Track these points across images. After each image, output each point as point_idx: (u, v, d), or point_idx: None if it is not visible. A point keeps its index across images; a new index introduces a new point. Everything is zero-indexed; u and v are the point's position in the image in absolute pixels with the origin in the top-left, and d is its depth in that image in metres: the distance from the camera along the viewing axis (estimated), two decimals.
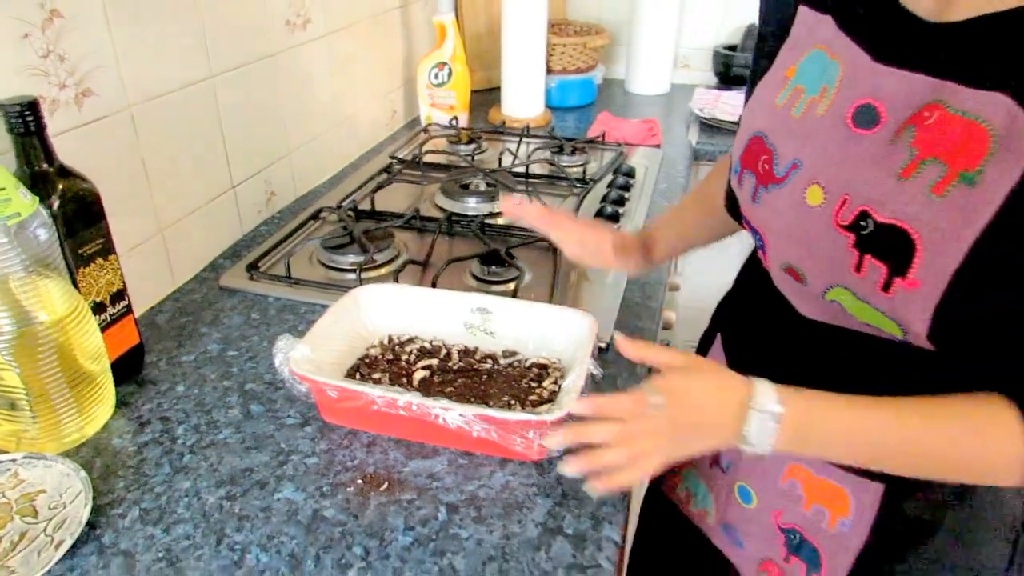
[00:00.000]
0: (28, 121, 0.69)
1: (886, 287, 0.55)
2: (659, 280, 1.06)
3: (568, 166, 1.41)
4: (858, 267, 0.56)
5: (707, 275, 1.31)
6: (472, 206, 1.21)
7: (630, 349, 0.62)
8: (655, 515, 0.94)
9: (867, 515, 0.66)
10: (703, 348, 0.86)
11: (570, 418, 0.64)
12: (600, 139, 1.54)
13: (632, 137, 1.59)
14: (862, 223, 0.55)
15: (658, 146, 1.58)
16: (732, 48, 1.96)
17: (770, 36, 0.68)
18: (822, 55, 0.60)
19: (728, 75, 1.95)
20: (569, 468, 0.60)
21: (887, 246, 0.54)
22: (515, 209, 0.87)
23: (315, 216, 1.18)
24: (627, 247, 0.88)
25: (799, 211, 0.60)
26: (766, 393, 0.58)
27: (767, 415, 0.57)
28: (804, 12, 0.63)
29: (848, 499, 0.67)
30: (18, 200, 0.65)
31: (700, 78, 2.07)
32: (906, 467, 0.60)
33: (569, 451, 0.61)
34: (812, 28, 0.62)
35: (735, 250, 0.94)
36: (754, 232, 0.68)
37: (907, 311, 0.54)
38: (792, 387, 0.59)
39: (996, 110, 0.48)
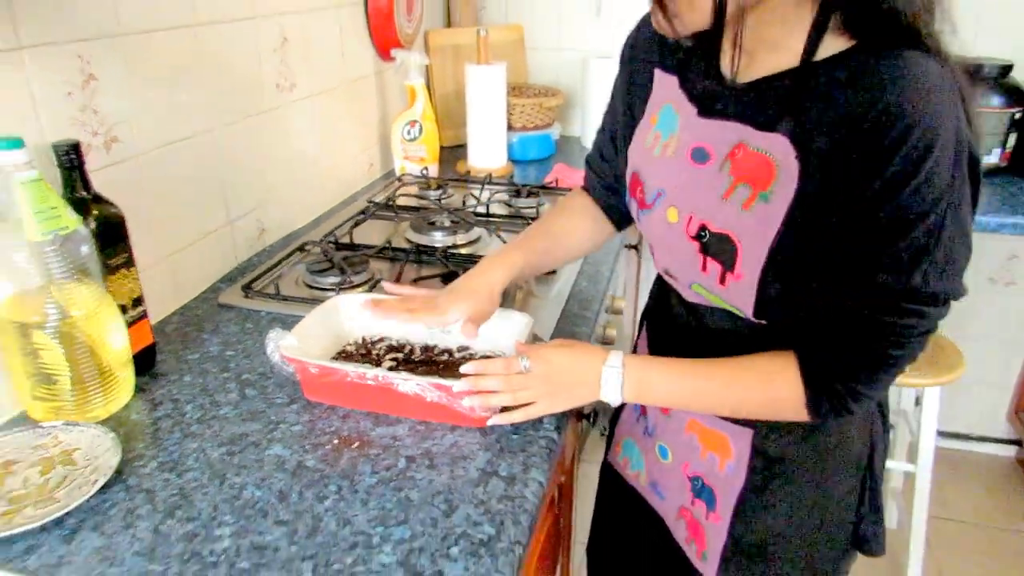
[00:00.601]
0: (72, 158, 0.87)
1: (722, 280, 0.74)
2: (596, 296, 1.24)
3: (523, 207, 1.60)
4: (704, 267, 0.76)
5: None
6: (438, 239, 1.40)
7: (519, 348, 0.87)
8: (606, 483, 1.11)
9: (744, 457, 0.84)
10: (636, 340, 1.05)
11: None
12: (554, 184, 1.75)
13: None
14: (702, 233, 0.75)
15: None
16: None
17: (633, 93, 0.88)
18: (670, 108, 0.81)
19: None
20: (468, 401, 0.83)
21: (720, 249, 0.73)
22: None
23: (301, 248, 1.37)
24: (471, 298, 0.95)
25: (664, 228, 0.80)
26: (615, 357, 0.81)
27: (615, 371, 0.80)
28: (659, 73, 0.84)
29: (729, 444, 0.85)
30: (66, 217, 0.83)
31: None
32: (723, 408, 0.81)
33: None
34: (664, 86, 0.83)
35: None
36: (649, 244, 0.88)
37: (738, 297, 0.74)
38: (641, 356, 0.83)
39: (777, 147, 0.69)
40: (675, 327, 0.91)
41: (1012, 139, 1.93)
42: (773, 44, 0.69)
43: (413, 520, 0.74)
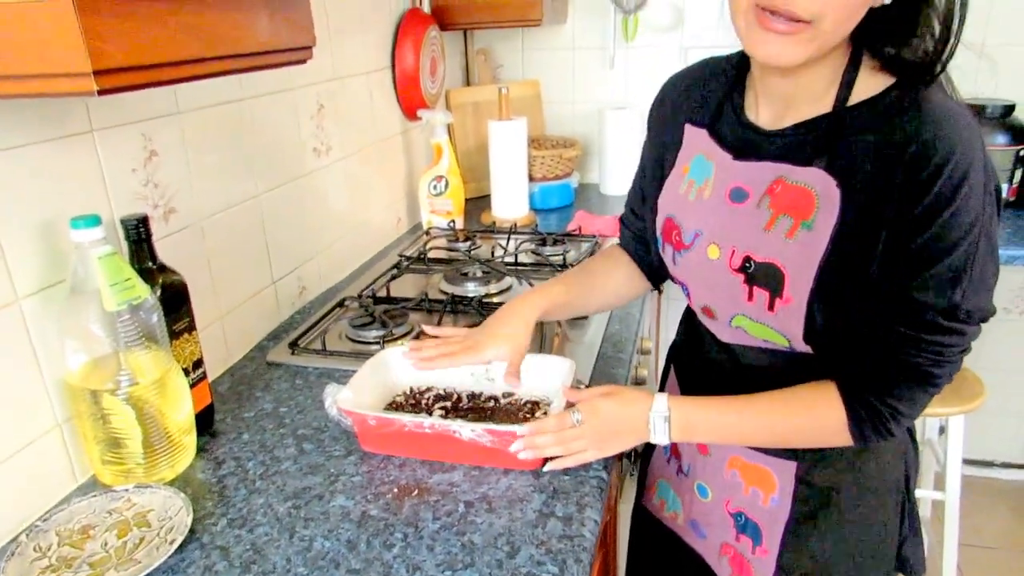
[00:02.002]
0: (140, 231, 0.93)
1: (771, 306, 0.78)
2: (628, 338, 1.28)
3: (551, 255, 1.65)
4: (749, 296, 0.79)
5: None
6: (472, 289, 1.45)
7: (569, 394, 0.92)
8: (640, 525, 1.13)
9: (788, 489, 0.86)
10: (664, 379, 1.08)
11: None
12: (577, 231, 1.80)
13: (605, 229, 1.85)
14: (747, 264, 0.79)
15: None
16: None
17: (663, 143, 0.94)
18: (702, 157, 0.86)
19: None
20: (523, 455, 0.87)
21: (766, 278, 0.78)
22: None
23: (340, 304, 1.41)
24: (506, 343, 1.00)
25: (704, 265, 0.84)
26: (660, 402, 0.85)
27: (660, 418, 0.84)
28: (689, 128, 0.90)
29: (773, 478, 0.87)
30: (139, 287, 0.88)
31: None
32: (767, 439, 0.84)
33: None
34: (695, 138, 0.88)
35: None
36: (682, 286, 0.92)
37: (788, 321, 0.77)
38: (683, 397, 0.86)
39: (816, 179, 0.73)
40: (707, 367, 0.94)
41: (1018, 175, 1.99)
42: (812, 95, 0.76)
43: (479, 563, 0.77)
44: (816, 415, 0.79)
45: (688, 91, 0.92)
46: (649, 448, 1.10)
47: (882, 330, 0.74)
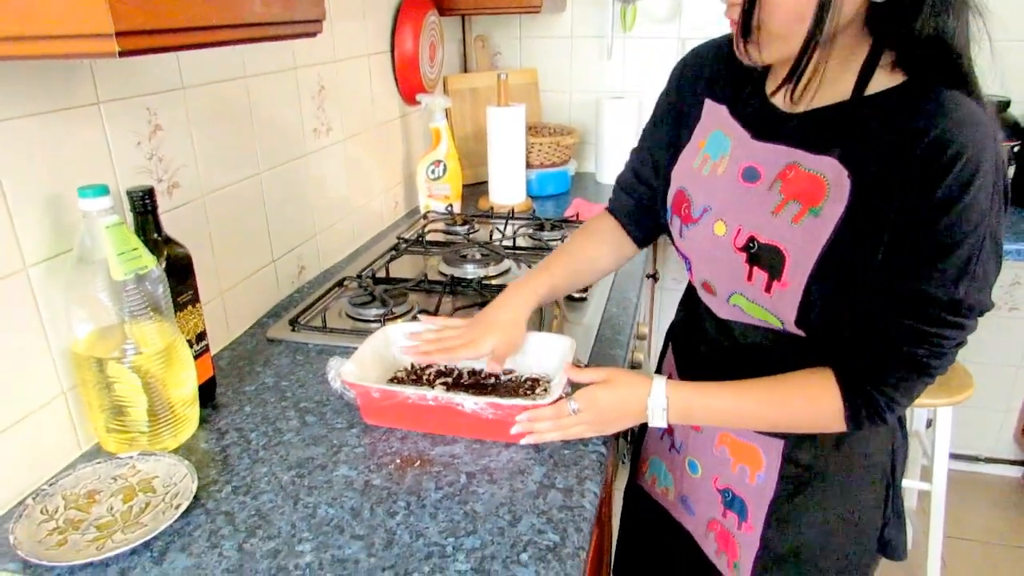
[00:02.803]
0: (146, 203, 0.94)
1: (768, 288, 0.79)
2: (626, 321, 1.30)
3: (549, 239, 1.67)
4: (749, 276, 0.81)
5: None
6: (471, 271, 1.46)
7: (570, 372, 0.92)
8: (632, 503, 1.15)
9: (774, 466, 0.88)
10: (661, 359, 1.10)
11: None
12: (575, 218, 1.81)
13: None
14: (751, 244, 0.80)
15: None
16: None
17: (680, 118, 0.95)
18: (720, 133, 0.87)
19: None
20: (524, 440, 0.90)
21: (767, 259, 0.79)
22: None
23: (339, 284, 1.42)
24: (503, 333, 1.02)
25: (710, 240, 0.85)
26: (658, 388, 0.86)
27: (659, 405, 0.86)
28: (708, 103, 0.91)
29: (760, 455, 0.89)
30: (145, 257, 0.89)
31: None
32: (763, 423, 0.85)
33: None
34: (714, 114, 0.89)
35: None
36: (684, 258, 0.93)
37: (782, 305, 0.79)
38: (680, 382, 0.87)
39: (829, 168, 0.75)
40: (705, 345, 0.96)
41: (1012, 171, 2.02)
42: (831, 79, 0.77)
43: (481, 530, 0.78)
44: (813, 403, 0.80)
45: (712, 64, 0.92)
46: (644, 428, 1.12)
47: (883, 322, 0.75)
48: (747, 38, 0.74)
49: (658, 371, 1.10)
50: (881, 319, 0.75)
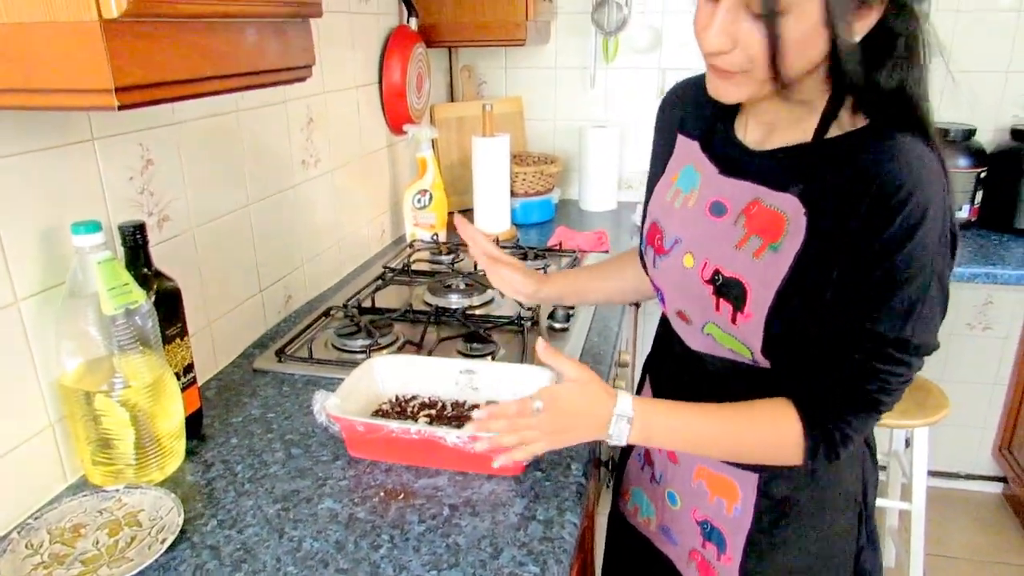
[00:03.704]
0: (137, 238, 0.95)
1: (733, 320, 0.83)
2: (607, 350, 1.32)
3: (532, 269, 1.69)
4: (717, 307, 0.84)
5: None
6: (455, 301, 1.48)
7: (543, 352, 0.89)
8: (616, 530, 1.17)
9: (750, 499, 0.91)
10: (639, 389, 1.12)
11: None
12: (558, 247, 1.85)
13: (585, 245, 1.90)
14: (716, 277, 0.84)
15: (606, 251, 1.89)
16: None
17: (660, 155, 0.99)
18: (691, 168, 0.91)
19: None
20: (478, 446, 0.88)
21: (732, 292, 0.82)
22: (466, 231, 1.11)
23: (326, 314, 1.44)
24: (530, 277, 1.14)
25: (680, 272, 0.89)
26: (624, 403, 0.85)
27: (623, 419, 0.84)
28: (681, 139, 0.94)
29: (736, 488, 0.92)
30: (136, 292, 0.91)
31: (641, 196, 2.41)
32: (723, 451, 0.87)
33: (538, 467, 0.86)
34: (686, 149, 0.93)
35: None
36: (657, 290, 0.96)
37: (748, 335, 0.82)
38: (648, 399, 0.88)
39: (788, 205, 0.78)
40: (678, 375, 0.98)
41: (979, 196, 2.08)
42: (795, 120, 0.81)
43: (464, 563, 0.80)
44: (772, 433, 0.82)
45: (686, 102, 0.96)
46: (625, 455, 1.14)
47: (836, 357, 0.78)
48: (722, 76, 0.76)
49: None
50: (833, 354, 0.78)
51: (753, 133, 0.86)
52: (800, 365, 0.81)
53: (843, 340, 0.77)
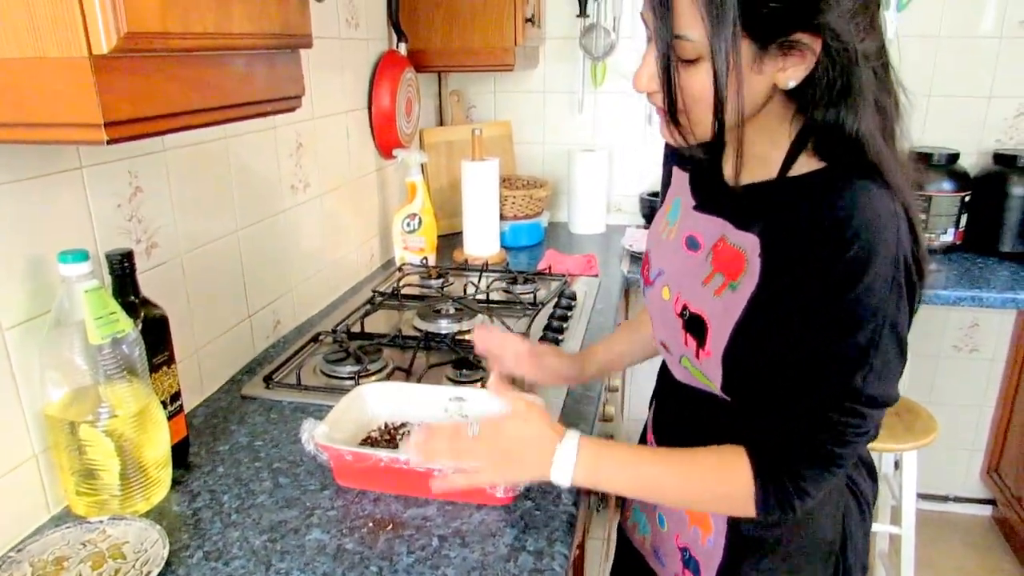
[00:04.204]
0: (124, 266, 0.95)
1: (697, 355, 0.83)
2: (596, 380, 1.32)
3: (521, 293, 1.69)
4: (686, 342, 0.85)
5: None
6: (445, 326, 1.48)
7: (492, 387, 0.92)
8: (622, 541, 1.16)
9: (721, 533, 0.90)
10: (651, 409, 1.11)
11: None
12: (547, 271, 1.85)
13: (574, 268, 1.90)
14: (684, 312, 0.84)
15: (596, 276, 1.89)
16: (655, 194, 2.35)
17: (664, 185, 1.01)
18: (679, 200, 0.92)
19: (652, 217, 2.32)
20: (413, 462, 0.87)
21: (695, 327, 0.83)
22: (493, 342, 1.10)
23: (314, 339, 1.43)
24: (573, 360, 1.12)
25: (660, 304, 0.90)
26: (570, 441, 0.82)
27: (569, 455, 0.81)
28: (676, 170, 0.96)
29: (710, 520, 0.91)
30: (123, 320, 0.90)
31: (630, 219, 2.45)
32: (671, 499, 0.85)
33: (528, 497, 0.86)
34: (679, 181, 0.95)
35: None
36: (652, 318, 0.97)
37: (709, 371, 0.83)
38: (596, 439, 0.85)
39: (749, 244, 0.79)
40: (674, 402, 0.99)
41: (964, 219, 2.10)
42: (762, 158, 0.81)
43: None
44: (724, 483, 0.79)
45: None
46: None
47: (789, 403, 0.75)
48: (673, 123, 0.77)
49: (643, 433, 1.12)
50: (786, 400, 0.76)
51: (728, 168, 0.86)
52: (757, 408, 0.79)
53: (795, 386, 0.75)
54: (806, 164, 0.78)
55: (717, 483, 0.80)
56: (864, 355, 0.71)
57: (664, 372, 1.02)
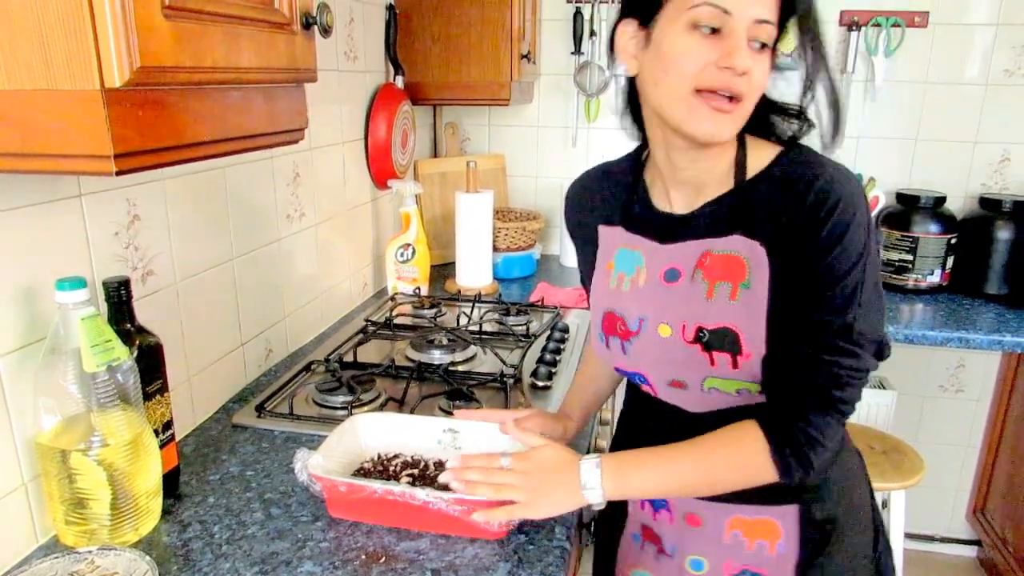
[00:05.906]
0: (121, 294, 0.95)
1: (735, 365, 0.85)
2: None
3: (514, 325, 1.70)
4: (712, 361, 0.86)
5: None
6: (437, 357, 1.48)
7: (511, 430, 0.99)
8: None
9: (793, 532, 0.92)
10: (613, 448, 1.12)
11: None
12: (540, 303, 1.86)
13: (566, 301, 1.92)
14: (701, 334, 0.86)
15: (587, 308, 1.90)
16: None
17: (585, 251, 1.05)
18: (625, 250, 0.95)
19: None
20: (454, 486, 0.91)
21: (722, 342, 0.85)
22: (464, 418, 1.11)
23: (307, 368, 1.43)
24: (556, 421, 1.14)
25: (659, 345, 0.90)
26: (590, 460, 0.90)
27: (593, 475, 0.88)
28: (603, 229, 0.99)
29: (777, 526, 0.93)
30: (119, 348, 0.90)
31: None
32: (700, 484, 0.89)
33: (522, 531, 0.86)
34: (610, 237, 0.98)
35: None
36: (633, 375, 0.97)
37: (754, 372, 0.85)
38: (609, 453, 0.92)
39: (739, 245, 0.84)
40: (650, 434, 0.99)
41: (950, 261, 2.13)
42: (719, 177, 0.88)
43: None
44: (741, 453, 0.85)
45: (590, 198, 1.03)
46: (610, 539, 1.12)
47: (789, 354, 0.83)
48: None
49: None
50: (788, 353, 0.83)
51: (679, 201, 0.92)
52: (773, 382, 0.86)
53: (794, 337, 0.82)
54: (755, 165, 0.87)
55: (735, 455, 0.86)
56: (852, 296, 0.80)
57: (636, 409, 1.04)
